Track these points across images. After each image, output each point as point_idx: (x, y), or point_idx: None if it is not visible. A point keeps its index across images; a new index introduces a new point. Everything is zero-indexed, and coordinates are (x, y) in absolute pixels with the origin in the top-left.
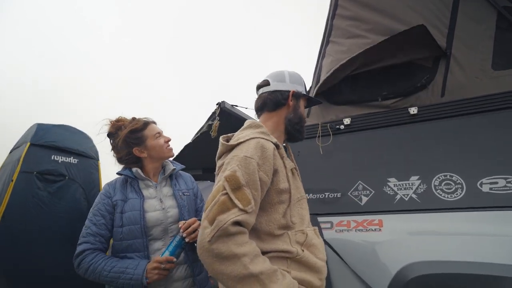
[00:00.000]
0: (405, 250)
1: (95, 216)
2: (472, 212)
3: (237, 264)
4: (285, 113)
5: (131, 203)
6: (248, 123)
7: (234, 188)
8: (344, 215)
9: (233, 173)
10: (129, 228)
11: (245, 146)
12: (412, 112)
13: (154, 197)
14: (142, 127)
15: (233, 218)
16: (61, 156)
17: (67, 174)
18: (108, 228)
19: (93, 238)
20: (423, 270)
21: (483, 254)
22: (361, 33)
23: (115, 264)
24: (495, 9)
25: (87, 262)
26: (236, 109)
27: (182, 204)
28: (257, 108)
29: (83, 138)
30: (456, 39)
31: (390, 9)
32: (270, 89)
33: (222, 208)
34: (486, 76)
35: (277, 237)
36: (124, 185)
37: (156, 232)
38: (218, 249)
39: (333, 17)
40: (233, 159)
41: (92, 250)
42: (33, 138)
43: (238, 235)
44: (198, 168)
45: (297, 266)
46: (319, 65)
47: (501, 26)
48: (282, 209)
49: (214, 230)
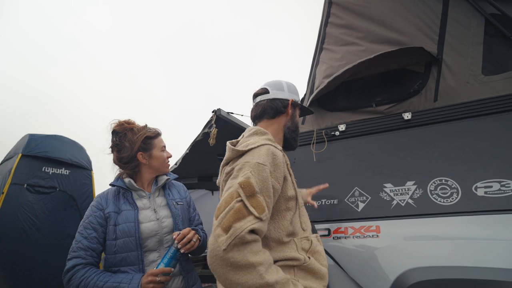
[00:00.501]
0: (403, 256)
1: (86, 230)
2: (468, 216)
3: (252, 274)
4: (284, 121)
5: (125, 215)
6: (254, 129)
7: (249, 195)
8: (341, 221)
9: (247, 180)
10: (123, 241)
11: (256, 152)
12: (406, 117)
13: (148, 207)
14: (155, 136)
15: (249, 226)
16: (52, 168)
17: (58, 186)
18: (100, 242)
19: (84, 253)
20: (422, 276)
21: (481, 259)
22: (354, 40)
23: (108, 278)
24: (483, 16)
25: (78, 277)
26: (232, 117)
27: (176, 213)
28: (255, 115)
29: (75, 148)
30: (446, 45)
31: (382, 17)
32: (269, 97)
33: (238, 215)
34: (477, 81)
35: (284, 244)
36: (117, 196)
37: (151, 243)
38: (233, 257)
39: (326, 25)
40: (245, 165)
41: (83, 265)
42: (24, 149)
43: (253, 243)
44: (193, 177)
45: (303, 274)
46: (313, 72)
47: (489, 32)
48: (289, 216)
49: (231, 238)
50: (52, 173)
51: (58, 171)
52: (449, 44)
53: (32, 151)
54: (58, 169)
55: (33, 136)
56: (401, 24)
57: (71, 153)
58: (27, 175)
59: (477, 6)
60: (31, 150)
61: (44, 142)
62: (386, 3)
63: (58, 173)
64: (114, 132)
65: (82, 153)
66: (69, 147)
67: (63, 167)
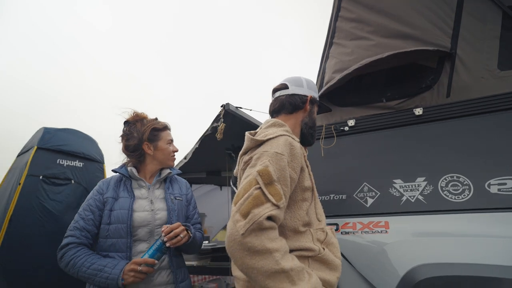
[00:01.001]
0: (412, 252)
1: (84, 211)
2: (480, 214)
3: (268, 259)
4: (302, 116)
5: (121, 202)
6: (272, 121)
7: (267, 182)
8: (349, 217)
9: (265, 168)
10: (115, 227)
11: (274, 142)
12: (417, 113)
13: (146, 197)
14: (162, 129)
15: (267, 212)
16: (67, 160)
17: (73, 177)
18: (95, 225)
19: (79, 233)
20: (431, 272)
21: (492, 256)
22: (365, 35)
23: (95, 261)
24: (500, 8)
25: (69, 255)
26: (240, 111)
27: (172, 207)
28: (273, 109)
29: (88, 142)
30: (461, 39)
31: (393, 10)
32: (288, 92)
33: (256, 202)
34: (492, 76)
35: (300, 234)
36: (118, 183)
37: (141, 233)
38: (251, 242)
39: (336, 19)
40: (263, 155)
41: (76, 244)
42: (40, 142)
43: (270, 230)
44: (202, 171)
45: (317, 265)
46: (322, 67)
47: (507, 26)
48: (305, 206)
49: (249, 223)
50: (66, 165)
51: (72, 164)
52: (463, 38)
53: (47, 143)
54: (72, 161)
55: (48, 129)
56: (413, 17)
57: (84, 146)
58: (42, 167)
59: None
60: (46, 142)
61: (58, 135)
62: None
63: (73, 165)
64: (126, 122)
65: (94, 146)
66: (82, 140)
67: (77, 160)
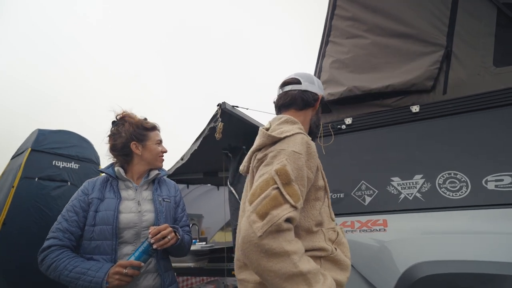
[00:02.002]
0: (411, 250)
1: (68, 212)
2: (478, 210)
3: (286, 262)
4: (311, 114)
5: (107, 203)
6: (284, 118)
7: (285, 182)
8: (348, 215)
9: (283, 167)
10: (100, 228)
11: (292, 140)
12: (414, 110)
13: (133, 199)
14: (150, 128)
15: (286, 214)
16: (62, 162)
17: (69, 179)
18: (79, 226)
19: (62, 234)
20: (431, 270)
21: (490, 253)
22: (360, 33)
23: (78, 264)
24: (495, 5)
25: (51, 258)
26: (237, 110)
27: (159, 209)
28: (283, 103)
29: (84, 143)
30: (456, 36)
31: (388, 9)
32: (301, 88)
33: (275, 202)
34: (488, 72)
35: (313, 234)
36: (105, 184)
37: (127, 235)
38: (268, 245)
39: (332, 17)
40: (280, 153)
41: (59, 247)
42: (34, 144)
43: (287, 232)
44: (199, 172)
45: (329, 265)
46: (319, 65)
47: (501, 23)
48: (318, 205)
49: (267, 225)
50: (62, 167)
51: (68, 165)
52: (459, 36)
53: (41, 145)
54: (68, 163)
55: (42, 131)
56: (409, 15)
57: (79, 148)
58: (38, 169)
59: None
60: (40, 144)
61: (53, 137)
62: None
63: (68, 167)
64: (114, 122)
65: (90, 148)
66: (77, 142)
67: (72, 161)
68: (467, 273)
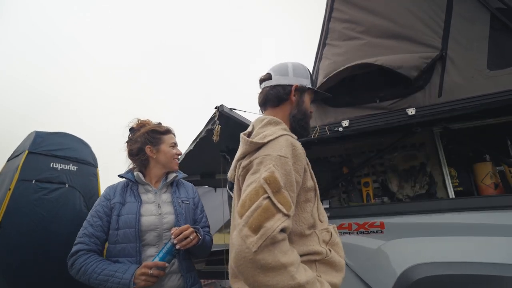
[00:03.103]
0: (408, 251)
1: (92, 218)
2: (475, 213)
3: (283, 275)
4: (289, 109)
5: (128, 207)
6: (266, 119)
7: (275, 191)
8: (345, 217)
9: (271, 174)
10: (124, 232)
11: (276, 144)
12: (410, 113)
13: (153, 202)
14: (164, 132)
15: (280, 225)
16: (60, 164)
17: (67, 181)
18: (104, 230)
19: (88, 239)
20: (428, 271)
21: (488, 255)
22: (357, 35)
23: (106, 267)
24: (488, 10)
25: (80, 262)
26: (235, 113)
27: (179, 211)
28: (259, 103)
29: (81, 145)
30: (451, 40)
31: (385, 11)
32: (272, 84)
33: (267, 214)
34: (482, 76)
35: (306, 237)
36: (125, 188)
37: (150, 237)
38: (264, 259)
39: (329, 20)
40: (266, 159)
41: (86, 251)
42: (31, 146)
43: (282, 242)
44: (196, 174)
45: (324, 268)
46: (316, 67)
47: (495, 27)
48: (309, 207)
49: (262, 239)
50: (60, 169)
51: (66, 167)
52: (454, 39)
53: (38, 147)
54: (66, 165)
55: (39, 133)
56: (405, 18)
57: (77, 150)
58: (35, 171)
59: (482, 0)
60: (37, 147)
61: (50, 139)
62: None
63: (66, 169)
64: (131, 129)
65: (87, 150)
66: (75, 144)
67: (70, 163)
68: (464, 275)
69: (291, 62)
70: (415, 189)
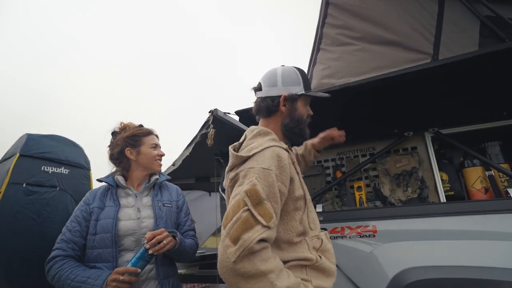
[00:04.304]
0: (400, 255)
1: (71, 223)
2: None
3: (263, 282)
4: (280, 119)
5: (107, 211)
6: (256, 130)
7: (255, 203)
8: (338, 221)
9: (253, 187)
10: (101, 236)
11: (260, 157)
12: None
13: (132, 206)
14: (144, 134)
15: (258, 236)
16: (52, 167)
17: (58, 185)
18: (82, 236)
19: (66, 245)
20: (420, 275)
21: (480, 258)
22: (350, 41)
23: (79, 273)
24: (478, 17)
25: (55, 268)
26: (228, 117)
27: (159, 215)
28: (254, 112)
29: (73, 148)
30: (442, 45)
31: (377, 18)
32: (262, 95)
33: (246, 226)
34: None
35: (296, 245)
36: (105, 193)
37: (127, 242)
38: (244, 268)
39: (322, 25)
40: (250, 172)
41: (63, 257)
42: (22, 149)
43: (263, 251)
44: (191, 177)
45: (315, 273)
46: (310, 72)
47: (484, 34)
48: (298, 216)
49: (239, 250)
50: (52, 172)
51: (58, 170)
52: (445, 45)
53: (30, 150)
54: (57, 168)
55: (31, 136)
56: (397, 24)
57: (69, 153)
58: (26, 174)
59: (472, 8)
60: (29, 149)
61: (42, 142)
62: (382, 4)
63: (58, 172)
64: (113, 133)
65: (80, 153)
66: (67, 147)
67: (62, 166)
68: (454, 278)
69: (280, 68)
70: (407, 193)
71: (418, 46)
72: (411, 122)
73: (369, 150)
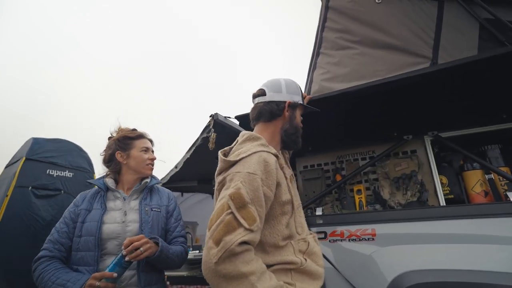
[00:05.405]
0: (399, 259)
1: (60, 224)
2: (466, 221)
3: (244, 283)
4: (281, 123)
5: (93, 214)
6: (246, 135)
7: (239, 206)
8: (337, 224)
9: (237, 191)
10: (85, 239)
11: (247, 161)
12: None
13: (119, 209)
14: (135, 137)
15: (239, 238)
16: (57, 171)
17: (63, 188)
18: (69, 237)
19: (52, 246)
20: (418, 279)
21: (479, 262)
22: (350, 45)
23: (60, 276)
24: (477, 20)
25: (40, 269)
26: (229, 121)
27: (145, 219)
28: (252, 117)
29: (78, 152)
30: (441, 49)
31: (377, 22)
32: (266, 100)
33: (228, 228)
34: None
35: (281, 248)
36: (95, 195)
37: (110, 246)
38: (225, 269)
39: (322, 29)
40: (236, 176)
41: (48, 258)
42: (28, 153)
43: (245, 253)
44: (193, 180)
45: (300, 277)
46: (310, 76)
47: (483, 37)
48: (285, 220)
49: (221, 251)
50: (56, 176)
51: (62, 174)
52: (444, 49)
53: (35, 154)
54: (62, 171)
55: (37, 140)
56: (396, 28)
57: (73, 157)
58: (31, 178)
59: (471, 11)
60: (34, 153)
61: (47, 146)
62: (381, 8)
63: (62, 175)
64: (109, 137)
65: (84, 156)
66: (71, 151)
67: (66, 170)
68: (453, 282)
69: (283, 78)
70: (407, 196)
71: (418, 49)
72: (411, 125)
73: (369, 153)
